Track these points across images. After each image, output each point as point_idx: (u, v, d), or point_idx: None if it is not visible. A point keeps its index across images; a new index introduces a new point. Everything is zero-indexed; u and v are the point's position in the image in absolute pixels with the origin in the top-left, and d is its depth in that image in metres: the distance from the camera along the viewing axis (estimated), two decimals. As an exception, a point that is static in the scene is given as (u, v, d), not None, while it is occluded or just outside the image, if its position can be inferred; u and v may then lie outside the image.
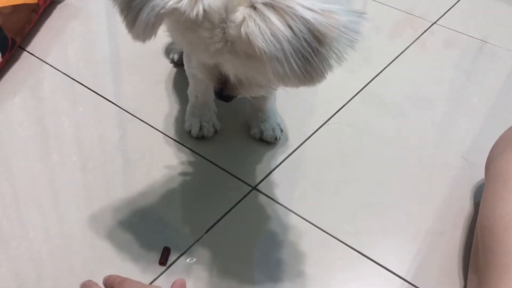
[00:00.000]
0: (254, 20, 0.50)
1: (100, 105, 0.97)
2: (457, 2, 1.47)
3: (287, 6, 0.49)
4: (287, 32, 0.49)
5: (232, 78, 0.61)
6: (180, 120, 0.95)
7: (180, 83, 1.04)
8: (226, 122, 0.95)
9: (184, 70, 0.99)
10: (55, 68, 1.05)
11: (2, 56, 0.99)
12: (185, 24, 0.55)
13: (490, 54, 1.23)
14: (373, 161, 0.91)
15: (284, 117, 0.97)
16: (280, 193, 0.83)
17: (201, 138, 0.91)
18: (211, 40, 0.55)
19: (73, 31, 1.19)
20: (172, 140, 0.91)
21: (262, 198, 0.83)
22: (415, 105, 1.05)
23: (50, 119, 0.93)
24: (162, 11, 0.51)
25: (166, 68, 1.09)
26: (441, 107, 1.06)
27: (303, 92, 1.07)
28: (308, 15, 0.49)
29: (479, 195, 0.86)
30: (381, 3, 1.41)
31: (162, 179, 0.84)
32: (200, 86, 0.88)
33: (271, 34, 0.49)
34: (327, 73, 0.53)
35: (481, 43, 1.27)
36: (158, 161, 0.87)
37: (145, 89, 1.02)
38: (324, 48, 0.51)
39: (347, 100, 1.04)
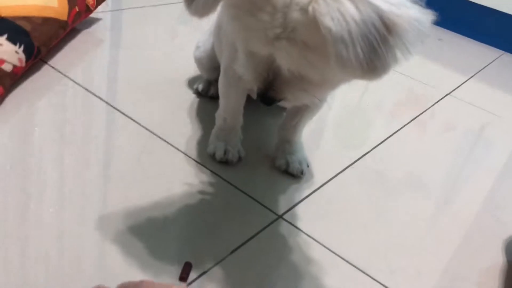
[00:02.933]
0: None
1: (119, 121, 0.93)
2: (467, 80, 1.53)
3: None
4: (356, 15, 0.48)
5: (284, 70, 0.58)
6: (202, 144, 0.91)
7: (203, 112, 1.02)
8: (250, 151, 0.91)
9: (207, 101, 0.97)
10: (76, 83, 1.02)
11: (26, 62, 0.96)
12: (245, 6, 0.54)
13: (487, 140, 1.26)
14: (402, 208, 0.87)
15: (309, 156, 0.94)
16: (306, 225, 0.78)
17: (224, 162, 0.86)
18: (270, 25, 0.52)
19: (97, 55, 1.18)
20: (194, 161, 0.86)
21: (288, 227, 0.77)
22: (446, 150, 1.04)
23: (69, 127, 0.89)
24: None
25: (189, 97, 1.07)
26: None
27: (328, 133, 1.06)
28: (380, 2, 0.48)
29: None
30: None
31: (184, 197, 0.78)
32: (232, 107, 0.85)
33: (340, 14, 0.47)
34: (391, 65, 0.50)
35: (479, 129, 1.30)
36: (179, 179, 0.81)
37: (167, 113, 0.99)
38: (392, 37, 0.49)
39: (373, 147, 1.03)
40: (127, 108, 0.97)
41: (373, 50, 0.49)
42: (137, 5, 1.52)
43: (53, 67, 1.05)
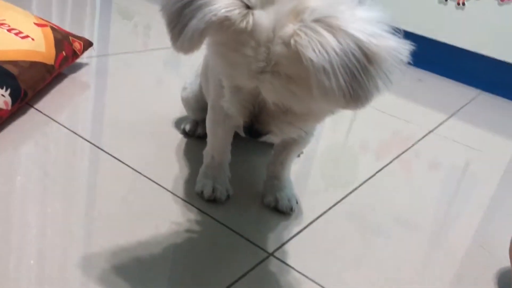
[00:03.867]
0: (305, 32, 0.50)
1: (105, 162, 0.92)
2: (448, 118, 1.57)
3: (338, 25, 0.50)
4: (337, 46, 0.49)
5: (269, 103, 0.59)
6: (189, 183, 0.90)
7: (190, 152, 1.01)
8: (239, 189, 0.90)
9: (194, 141, 0.97)
10: (62, 125, 1.02)
11: (12, 105, 0.95)
12: (229, 43, 0.55)
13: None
14: (392, 245, 0.87)
15: (298, 192, 0.94)
16: (298, 263, 0.76)
17: (212, 200, 0.85)
18: (254, 59, 0.54)
19: (83, 99, 1.18)
20: (181, 200, 0.85)
21: (279, 265, 0.75)
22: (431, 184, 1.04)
23: (54, 168, 0.87)
24: (213, 18, 0.52)
25: (176, 138, 1.07)
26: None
27: (315, 171, 1.07)
28: (359, 34, 0.50)
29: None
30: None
31: (171, 236, 0.76)
32: (219, 144, 0.85)
33: (321, 45, 0.49)
34: (373, 94, 0.52)
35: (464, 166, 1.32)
36: (167, 218, 0.80)
37: (154, 153, 0.99)
38: (372, 66, 0.50)
39: (359, 184, 1.03)
40: (113, 149, 0.96)
41: (355, 79, 0.50)
42: (122, 51, 1.55)
43: (39, 111, 1.05)
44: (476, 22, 1.81)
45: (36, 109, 1.06)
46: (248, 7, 0.53)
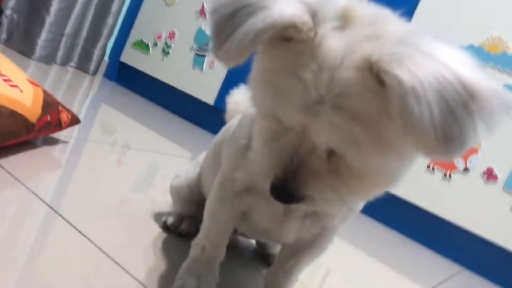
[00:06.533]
0: (389, 51, 0.41)
1: (67, 233, 0.74)
2: None
3: (429, 51, 0.41)
4: (431, 70, 0.40)
5: (313, 156, 0.47)
6: (166, 278, 0.72)
7: (168, 248, 0.84)
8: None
9: (175, 238, 0.86)
10: (23, 184, 0.84)
11: (-27, 146, 0.80)
12: (284, 67, 0.46)
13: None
14: None
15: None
16: None
17: (193, 304, 0.67)
18: (313, 85, 0.44)
19: (52, 171, 1.03)
20: (154, 297, 0.66)
21: None
22: None
23: (10, 234, 0.69)
24: (278, 20, 0.43)
25: (154, 230, 0.89)
26: None
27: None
28: (458, 66, 0.41)
29: None
30: None
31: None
32: (217, 232, 0.69)
33: (411, 64, 0.40)
34: (470, 138, 0.41)
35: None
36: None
37: (127, 239, 0.81)
38: (475, 104, 0.40)
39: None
40: (77, 221, 0.78)
41: (452, 114, 0.39)
42: (104, 141, 1.43)
43: (2, 167, 0.89)
44: (461, 196, 1.81)
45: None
46: (316, 19, 0.45)
